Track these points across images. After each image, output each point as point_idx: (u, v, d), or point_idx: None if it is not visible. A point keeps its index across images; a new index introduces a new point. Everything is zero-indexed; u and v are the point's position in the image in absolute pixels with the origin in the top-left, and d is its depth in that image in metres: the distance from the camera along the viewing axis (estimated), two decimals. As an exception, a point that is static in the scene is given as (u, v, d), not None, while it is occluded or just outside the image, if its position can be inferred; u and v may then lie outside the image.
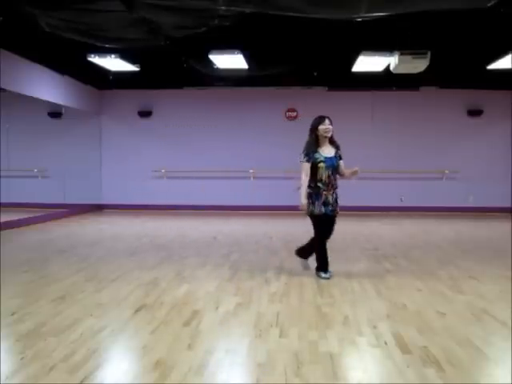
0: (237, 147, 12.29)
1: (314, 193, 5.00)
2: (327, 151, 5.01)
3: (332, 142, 5.07)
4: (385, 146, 12.06)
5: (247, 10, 4.91)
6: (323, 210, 4.96)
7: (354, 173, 5.09)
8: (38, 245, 7.42)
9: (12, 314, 3.84)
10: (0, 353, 3.12)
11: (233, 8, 4.86)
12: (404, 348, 3.15)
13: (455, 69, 9.38)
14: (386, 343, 3.24)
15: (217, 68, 8.73)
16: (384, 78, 9.53)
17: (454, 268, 5.69)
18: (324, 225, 5.03)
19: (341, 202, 5.20)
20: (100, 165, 12.67)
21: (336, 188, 5.06)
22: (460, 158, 12.05)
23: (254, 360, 2.97)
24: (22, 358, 2.97)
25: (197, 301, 4.30)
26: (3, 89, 8.75)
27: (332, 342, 3.26)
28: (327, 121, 4.95)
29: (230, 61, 8.24)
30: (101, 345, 3.23)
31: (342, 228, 9.47)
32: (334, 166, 4.99)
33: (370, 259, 6.26)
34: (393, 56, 7.72)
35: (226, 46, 7.60)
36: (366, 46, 7.74)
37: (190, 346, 3.20)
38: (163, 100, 12.49)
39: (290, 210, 11.90)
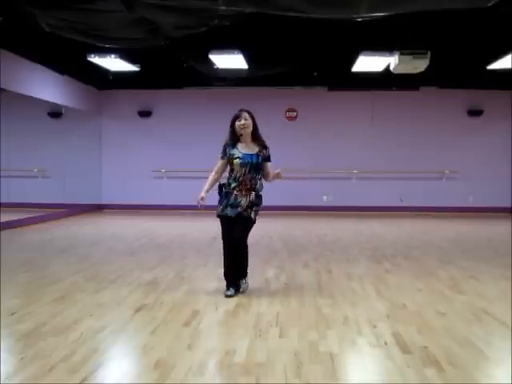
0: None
1: (224, 191, 4.47)
2: (247, 148, 4.49)
3: (255, 139, 4.53)
4: (385, 146, 12.06)
5: (247, 10, 4.92)
6: (227, 211, 4.40)
7: (277, 175, 4.50)
8: (38, 245, 7.42)
9: (12, 314, 3.84)
10: (0, 353, 3.11)
11: (233, 8, 4.86)
12: (404, 348, 3.15)
13: (455, 69, 9.38)
14: (386, 343, 3.24)
15: (217, 68, 8.73)
16: (384, 78, 9.53)
17: (454, 268, 5.69)
18: (227, 227, 4.43)
19: (341, 202, 5.18)
20: (100, 165, 12.67)
21: (253, 190, 4.42)
22: (460, 158, 12.05)
23: (254, 360, 2.97)
24: (21, 358, 2.97)
25: (197, 301, 4.30)
26: (3, 89, 8.74)
27: (332, 342, 3.26)
28: (244, 115, 4.47)
29: (229, 61, 8.24)
30: (101, 345, 3.23)
31: (342, 228, 9.53)
32: (251, 164, 4.41)
33: (370, 259, 6.26)
34: (393, 56, 7.73)
35: (225, 46, 7.60)
36: (365, 45, 7.74)
37: (189, 346, 3.19)
38: (163, 100, 12.49)
39: (291, 209, 11.93)
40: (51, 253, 6.67)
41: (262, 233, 8.55)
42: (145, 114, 12.53)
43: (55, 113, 12.17)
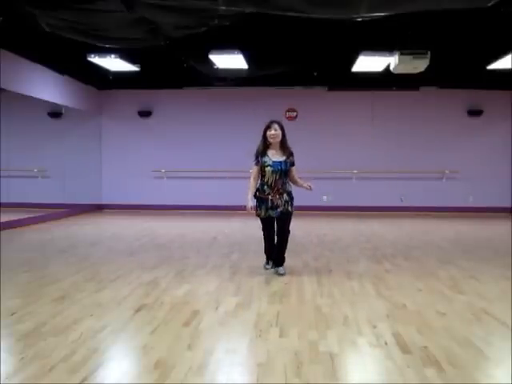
0: (237, 147, 12.26)
1: (260, 196, 5.18)
2: (276, 156, 5.17)
3: (283, 147, 5.21)
4: (385, 146, 12.06)
5: (247, 10, 4.92)
6: (269, 213, 5.17)
7: (307, 187, 5.25)
8: (38, 245, 7.42)
9: (12, 314, 3.84)
10: (0, 353, 3.11)
11: (233, 8, 4.86)
12: (404, 348, 3.15)
13: (455, 69, 9.38)
14: (386, 343, 3.24)
15: (217, 68, 8.73)
16: (384, 78, 9.53)
17: (454, 268, 5.69)
18: (270, 226, 5.30)
19: (341, 202, 5.24)
20: (100, 165, 12.67)
21: (285, 192, 5.16)
22: (460, 158, 12.05)
23: (254, 360, 2.97)
24: (22, 358, 2.97)
25: (197, 301, 4.30)
26: (3, 89, 8.74)
27: (332, 342, 3.26)
28: (274, 126, 5.14)
29: (229, 61, 8.24)
30: (101, 345, 3.23)
31: (342, 228, 9.52)
32: (281, 170, 5.11)
33: (370, 259, 6.26)
34: (393, 56, 7.73)
35: (225, 46, 7.60)
36: (365, 45, 7.74)
37: (189, 346, 3.19)
38: (163, 100, 12.49)
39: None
40: (51, 253, 6.67)
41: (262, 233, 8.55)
42: (145, 113, 12.53)
43: (55, 113, 12.17)
